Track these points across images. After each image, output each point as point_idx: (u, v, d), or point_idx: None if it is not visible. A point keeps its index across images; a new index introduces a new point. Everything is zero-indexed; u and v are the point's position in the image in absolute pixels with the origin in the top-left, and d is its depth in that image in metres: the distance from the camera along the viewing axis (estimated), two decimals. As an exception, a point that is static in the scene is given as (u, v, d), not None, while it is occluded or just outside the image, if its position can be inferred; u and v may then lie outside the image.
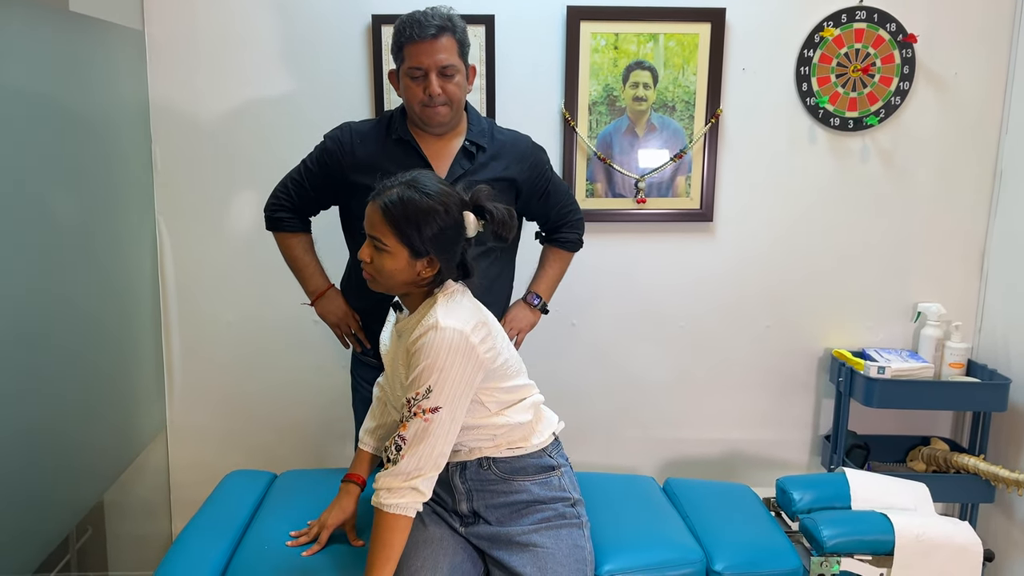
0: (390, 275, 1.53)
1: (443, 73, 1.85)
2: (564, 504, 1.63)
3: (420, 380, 1.46)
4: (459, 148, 1.95)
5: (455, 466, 1.62)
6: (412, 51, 1.84)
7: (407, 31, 1.84)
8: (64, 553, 2.21)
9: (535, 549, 1.56)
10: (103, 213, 2.18)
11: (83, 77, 2.05)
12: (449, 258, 1.54)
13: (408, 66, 1.86)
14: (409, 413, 1.47)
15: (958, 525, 1.84)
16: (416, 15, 1.85)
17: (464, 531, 1.63)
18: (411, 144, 1.94)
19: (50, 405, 1.90)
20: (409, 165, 1.87)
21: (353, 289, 2.04)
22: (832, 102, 2.52)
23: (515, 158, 1.98)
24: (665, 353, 2.67)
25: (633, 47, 2.47)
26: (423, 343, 1.47)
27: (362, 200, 1.91)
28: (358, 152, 1.95)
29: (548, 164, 2.08)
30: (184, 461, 2.64)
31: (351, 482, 1.73)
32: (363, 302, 2.02)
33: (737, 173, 2.57)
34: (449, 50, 1.85)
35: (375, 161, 1.91)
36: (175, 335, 2.56)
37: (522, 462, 1.61)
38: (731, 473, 2.74)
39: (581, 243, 2.18)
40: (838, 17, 2.47)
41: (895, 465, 2.69)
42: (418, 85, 1.86)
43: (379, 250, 1.53)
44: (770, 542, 1.80)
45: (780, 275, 2.64)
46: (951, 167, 2.59)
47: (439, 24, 1.83)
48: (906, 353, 2.60)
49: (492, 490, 1.61)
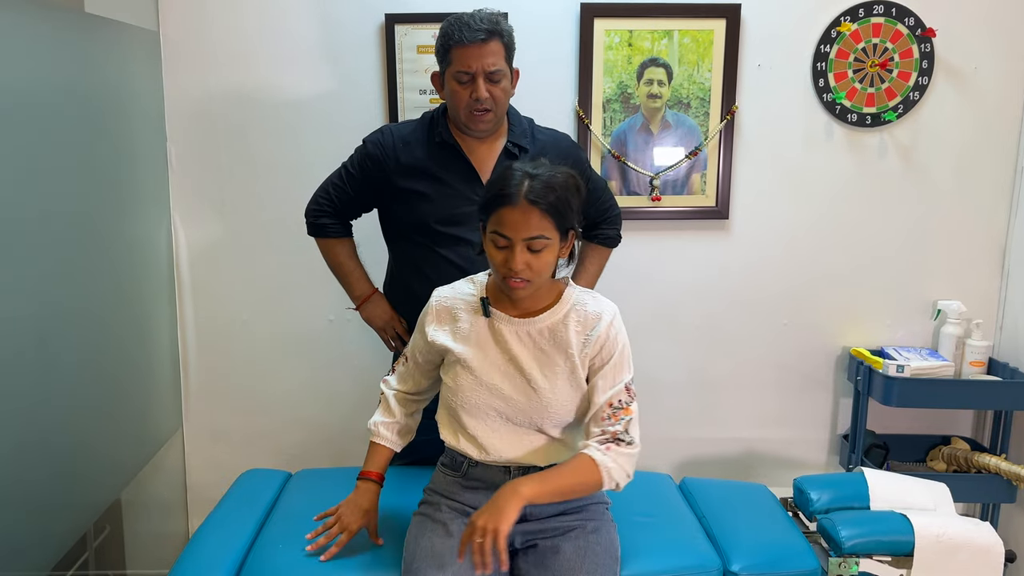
0: (547, 269, 1.52)
1: (490, 78, 1.82)
2: (601, 506, 1.64)
3: (628, 362, 1.58)
4: (502, 150, 1.94)
5: (505, 471, 1.60)
6: (460, 54, 1.81)
7: (455, 34, 1.81)
8: (82, 551, 2.23)
9: (577, 533, 1.57)
10: (119, 212, 2.19)
11: (98, 77, 2.06)
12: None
13: (456, 69, 1.83)
14: (628, 397, 1.56)
15: (979, 525, 1.81)
16: (464, 17, 1.82)
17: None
18: (455, 148, 1.92)
19: (67, 405, 1.91)
20: (454, 169, 1.89)
21: (402, 292, 2.03)
22: (849, 98, 2.49)
23: (557, 157, 1.95)
24: (681, 351, 2.66)
25: (647, 44, 2.45)
26: (619, 327, 1.58)
27: (406, 203, 1.93)
28: (402, 156, 1.93)
29: (587, 162, 2.09)
30: (200, 460, 2.65)
31: (369, 480, 1.70)
32: (407, 307, 2.01)
33: (753, 170, 2.55)
34: (497, 54, 1.83)
35: (420, 165, 1.91)
36: (191, 334, 2.58)
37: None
38: (748, 472, 2.72)
39: (620, 238, 2.17)
40: (855, 12, 2.44)
41: (915, 465, 2.66)
42: (465, 89, 1.83)
43: (538, 250, 1.49)
44: (787, 542, 1.78)
45: (797, 273, 2.62)
46: (971, 162, 2.56)
47: (488, 28, 1.81)
48: (926, 351, 2.57)
49: None
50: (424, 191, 1.91)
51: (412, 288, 1.93)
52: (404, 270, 2.02)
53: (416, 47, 2.40)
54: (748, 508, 1.93)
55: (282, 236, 2.08)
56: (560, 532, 1.58)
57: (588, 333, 1.56)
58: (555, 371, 1.56)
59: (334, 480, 1.97)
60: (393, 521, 1.73)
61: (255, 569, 1.64)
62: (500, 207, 1.48)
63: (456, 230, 1.89)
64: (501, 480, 1.57)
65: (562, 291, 1.60)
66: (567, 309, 1.58)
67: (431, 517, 1.60)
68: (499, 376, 1.58)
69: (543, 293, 1.59)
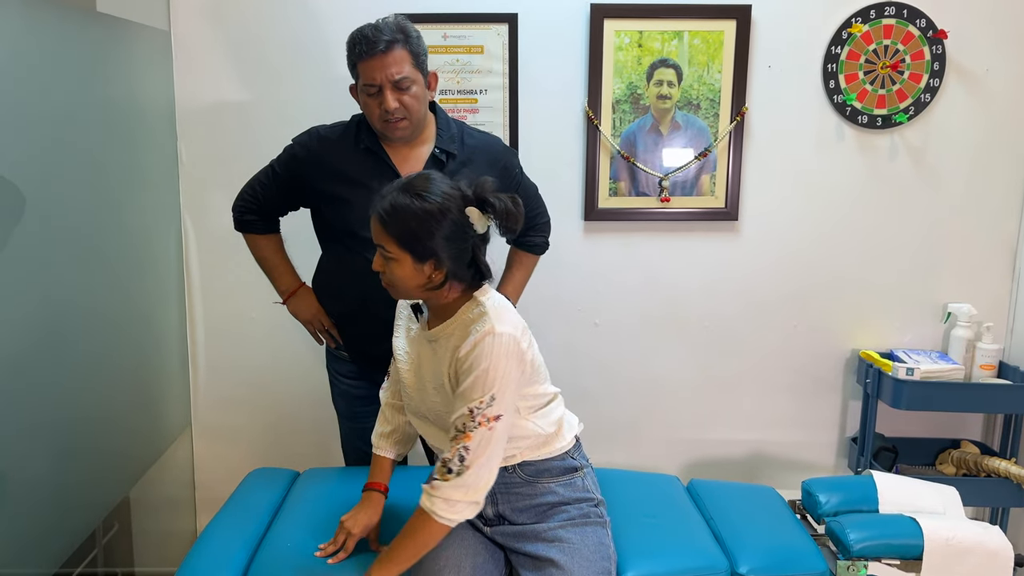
0: (402, 282, 1.50)
1: (398, 86, 1.81)
2: (588, 504, 1.62)
3: (483, 387, 1.43)
4: (428, 155, 1.93)
5: None
6: (364, 68, 1.82)
7: (356, 48, 1.82)
8: (91, 548, 2.24)
9: (561, 544, 1.56)
10: (129, 210, 2.20)
11: (110, 76, 2.07)
12: (458, 259, 1.48)
13: (363, 83, 1.84)
14: (472, 423, 1.43)
15: (989, 530, 1.80)
16: (365, 30, 1.82)
17: (489, 531, 1.63)
18: (379, 154, 1.92)
19: (77, 403, 1.92)
20: (378, 174, 1.87)
21: (329, 291, 2.05)
22: (860, 99, 2.48)
23: (486, 163, 1.96)
24: (689, 353, 2.65)
25: (657, 45, 2.45)
26: (482, 350, 1.43)
27: (331, 207, 1.93)
28: (325, 160, 1.93)
29: (519, 168, 2.08)
30: (208, 458, 2.66)
31: (374, 491, 1.71)
32: (339, 305, 2.03)
33: (763, 171, 2.54)
34: (401, 62, 1.81)
35: (344, 170, 1.91)
36: (200, 332, 2.58)
37: (546, 464, 1.60)
38: (755, 474, 2.72)
39: (547, 245, 2.19)
40: (867, 13, 2.44)
41: (924, 468, 2.65)
42: (374, 101, 1.83)
43: (387, 259, 1.50)
44: (795, 545, 1.77)
45: (806, 275, 2.61)
46: (982, 165, 2.54)
47: (388, 38, 1.79)
48: (935, 354, 2.56)
49: (517, 492, 1.60)
50: (347, 197, 1.90)
51: (338, 286, 1.97)
52: (331, 268, 2.04)
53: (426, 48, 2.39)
54: (756, 510, 1.92)
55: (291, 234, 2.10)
56: (546, 537, 1.57)
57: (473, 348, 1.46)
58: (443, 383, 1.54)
59: (342, 479, 1.98)
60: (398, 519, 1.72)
61: (263, 567, 1.64)
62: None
63: None
64: None
65: (480, 304, 1.52)
66: (468, 322, 1.51)
67: None
68: (415, 379, 1.62)
69: (451, 303, 1.54)
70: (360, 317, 1.97)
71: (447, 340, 1.52)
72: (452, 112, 2.43)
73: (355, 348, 2.06)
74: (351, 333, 2.05)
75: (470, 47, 2.44)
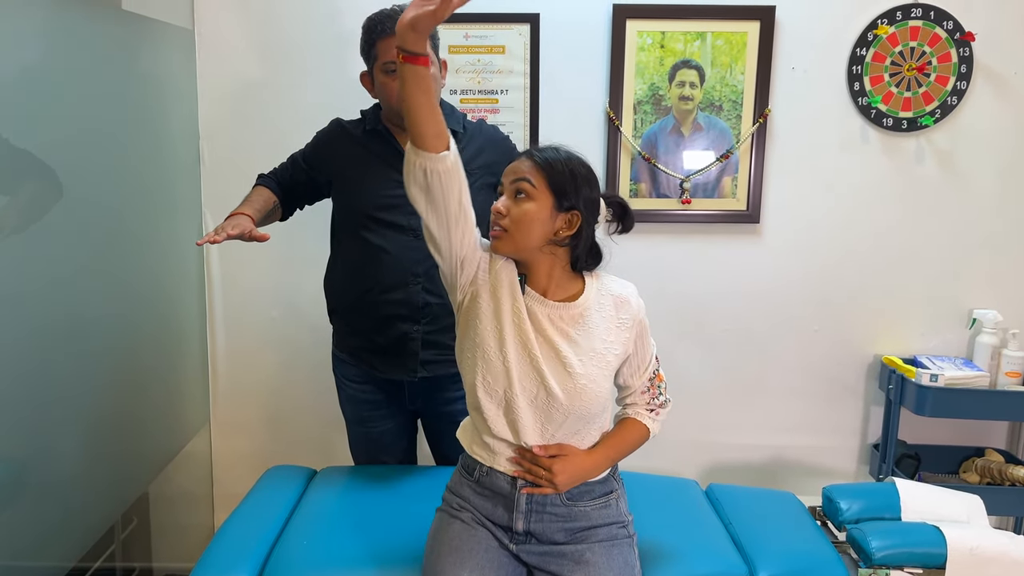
0: (528, 225, 1.45)
1: None
2: (618, 526, 1.60)
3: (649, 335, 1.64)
4: None
5: (511, 481, 1.56)
6: (384, 45, 1.85)
7: (378, 27, 1.86)
8: (109, 542, 2.26)
9: (587, 567, 1.53)
10: (152, 209, 2.22)
11: (134, 74, 2.09)
12: (590, 226, 1.51)
13: (383, 61, 1.87)
14: (657, 364, 1.67)
15: (1014, 539, 1.78)
16: (385, 11, 1.88)
17: (515, 548, 1.59)
18: (383, 133, 1.95)
19: (97, 398, 1.93)
20: (380, 153, 1.92)
21: (336, 285, 2.05)
22: (885, 102, 2.46)
23: (488, 142, 2.00)
24: (709, 355, 2.63)
25: (680, 46, 2.44)
26: (638, 309, 1.59)
27: (341, 191, 1.97)
28: (338, 143, 1.99)
29: (515, 149, 2.07)
30: (227, 454, 2.67)
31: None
32: (345, 299, 2.02)
33: (785, 174, 2.52)
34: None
35: (353, 152, 1.96)
36: (220, 329, 2.60)
37: (588, 487, 1.58)
38: (775, 480, 2.69)
39: None
40: (893, 15, 2.41)
41: (947, 476, 2.62)
42: (394, 79, 1.85)
43: (520, 199, 1.46)
44: (816, 552, 1.75)
45: (829, 278, 2.58)
46: (1009, 168, 2.51)
47: None
48: (960, 361, 2.52)
49: (552, 513, 1.56)
50: (353, 176, 1.95)
51: (350, 280, 1.97)
52: (344, 257, 2.03)
53: (448, 47, 2.40)
54: (775, 516, 1.90)
55: (313, 233, 2.10)
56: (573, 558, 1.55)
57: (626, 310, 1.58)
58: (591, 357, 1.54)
59: (359, 478, 1.98)
60: (415, 518, 1.73)
61: (280, 565, 1.64)
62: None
63: (389, 215, 1.90)
64: (508, 491, 1.55)
65: (597, 276, 1.60)
66: (593, 291, 1.56)
67: (451, 514, 1.60)
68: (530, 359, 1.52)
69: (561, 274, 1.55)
70: (368, 309, 1.96)
71: (600, 310, 1.55)
72: (472, 112, 2.44)
73: (363, 340, 2.03)
74: (363, 329, 2.02)
75: (491, 47, 2.44)
